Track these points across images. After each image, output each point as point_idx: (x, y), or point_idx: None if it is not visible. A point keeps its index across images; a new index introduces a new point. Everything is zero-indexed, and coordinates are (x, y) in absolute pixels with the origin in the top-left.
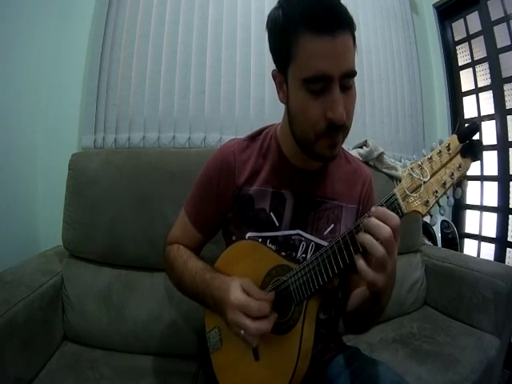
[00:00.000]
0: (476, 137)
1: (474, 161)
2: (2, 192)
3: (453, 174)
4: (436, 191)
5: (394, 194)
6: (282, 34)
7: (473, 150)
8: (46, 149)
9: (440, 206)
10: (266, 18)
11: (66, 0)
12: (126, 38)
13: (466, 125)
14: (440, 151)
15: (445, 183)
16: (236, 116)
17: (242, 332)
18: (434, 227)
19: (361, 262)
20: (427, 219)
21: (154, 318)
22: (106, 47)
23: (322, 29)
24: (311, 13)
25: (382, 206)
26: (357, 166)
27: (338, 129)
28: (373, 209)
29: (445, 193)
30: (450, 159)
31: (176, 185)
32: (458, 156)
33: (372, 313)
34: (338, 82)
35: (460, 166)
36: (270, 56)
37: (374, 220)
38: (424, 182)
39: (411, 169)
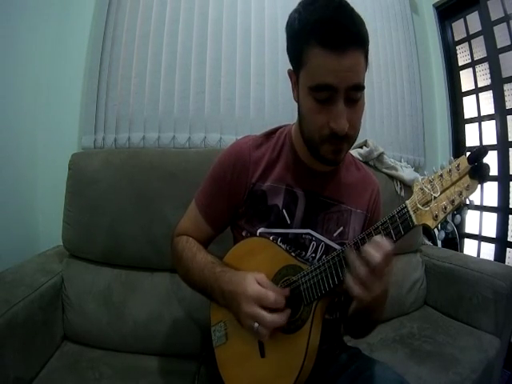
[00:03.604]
0: (485, 160)
1: (480, 183)
2: (2, 192)
3: (461, 192)
4: (445, 207)
5: (406, 206)
6: (296, 40)
7: (480, 173)
8: (46, 149)
9: (447, 221)
10: (266, 18)
11: (66, 0)
12: (126, 38)
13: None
14: (450, 170)
15: (453, 201)
16: (236, 116)
17: (256, 325)
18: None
19: (348, 276)
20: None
21: (154, 317)
22: (105, 47)
23: (330, 45)
24: (322, 28)
25: (393, 216)
26: (366, 174)
27: (341, 138)
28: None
29: (453, 210)
30: (460, 178)
31: (176, 185)
32: (467, 176)
33: (363, 322)
34: (344, 94)
35: (468, 187)
36: (271, 56)
37: (367, 247)
38: (434, 198)
39: (423, 183)
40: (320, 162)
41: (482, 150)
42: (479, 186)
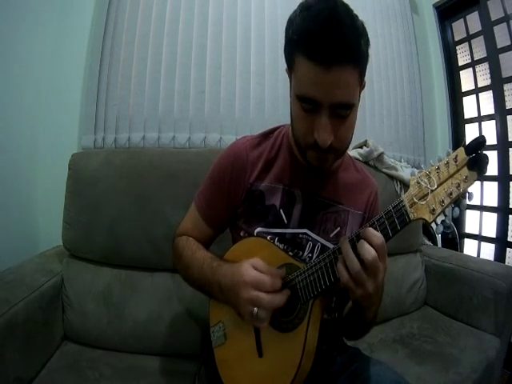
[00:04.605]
0: (484, 151)
1: (480, 174)
2: (2, 192)
3: (459, 185)
4: (442, 201)
5: (402, 201)
6: (288, 46)
7: (479, 164)
8: (46, 149)
9: (446, 215)
10: (265, 18)
11: (66, 0)
12: (126, 38)
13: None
14: (447, 162)
15: (451, 193)
16: (236, 116)
17: (255, 310)
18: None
19: (339, 264)
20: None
21: (153, 317)
22: (105, 47)
23: (315, 58)
24: (310, 39)
25: (389, 211)
26: (364, 175)
27: (325, 150)
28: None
29: (451, 203)
30: (457, 170)
31: (176, 185)
32: (465, 168)
33: (357, 322)
34: (329, 109)
35: (466, 178)
36: (271, 56)
37: (363, 242)
38: (431, 191)
39: (419, 177)
40: (307, 165)
41: (479, 140)
42: (478, 177)
